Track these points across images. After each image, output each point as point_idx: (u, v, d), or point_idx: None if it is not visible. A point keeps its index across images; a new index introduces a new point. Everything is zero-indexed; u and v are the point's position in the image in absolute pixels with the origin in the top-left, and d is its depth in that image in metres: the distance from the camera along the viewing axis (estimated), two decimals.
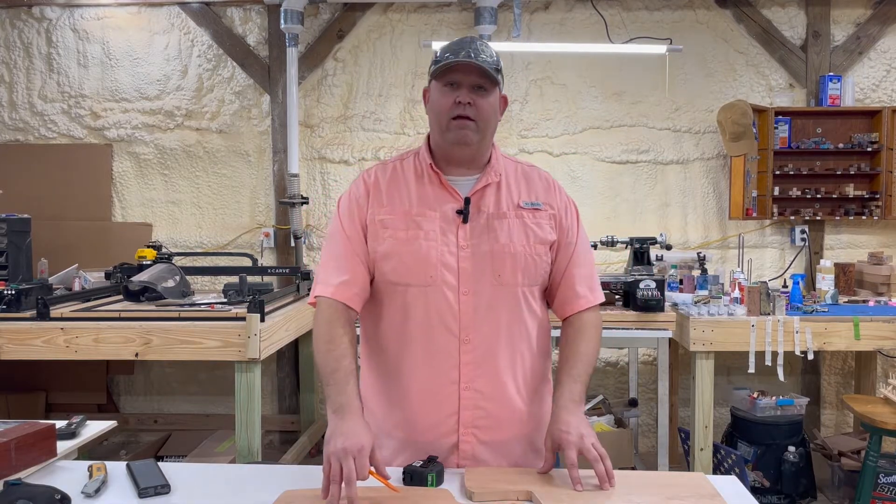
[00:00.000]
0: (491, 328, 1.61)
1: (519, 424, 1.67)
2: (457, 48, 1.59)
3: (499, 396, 1.63)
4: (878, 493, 3.38)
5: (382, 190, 1.66)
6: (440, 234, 1.60)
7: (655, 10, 4.41)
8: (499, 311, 1.61)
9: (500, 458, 1.66)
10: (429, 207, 1.62)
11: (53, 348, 3.13)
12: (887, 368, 4.12)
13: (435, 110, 1.62)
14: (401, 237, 1.60)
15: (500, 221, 1.63)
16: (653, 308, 3.43)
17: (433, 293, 1.59)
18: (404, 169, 1.69)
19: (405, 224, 1.61)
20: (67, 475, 1.65)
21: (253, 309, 3.11)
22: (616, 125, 4.47)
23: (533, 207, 1.66)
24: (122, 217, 4.64)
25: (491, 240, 1.61)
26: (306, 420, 4.34)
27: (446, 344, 1.60)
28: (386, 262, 1.62)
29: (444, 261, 1.59)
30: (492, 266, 1.61)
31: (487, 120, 1.61)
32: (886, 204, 4.20)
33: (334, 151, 4.54)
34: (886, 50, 4.38)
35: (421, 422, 1.64)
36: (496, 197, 1.65)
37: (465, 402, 1.61)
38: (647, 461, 4.09)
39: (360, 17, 4.47)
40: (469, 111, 1.57)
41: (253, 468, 1.77)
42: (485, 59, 1.57)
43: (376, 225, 1.63)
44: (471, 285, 1.60)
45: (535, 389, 1.71)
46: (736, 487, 1.57)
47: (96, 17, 4.57)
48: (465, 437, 1.63)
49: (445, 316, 1.59)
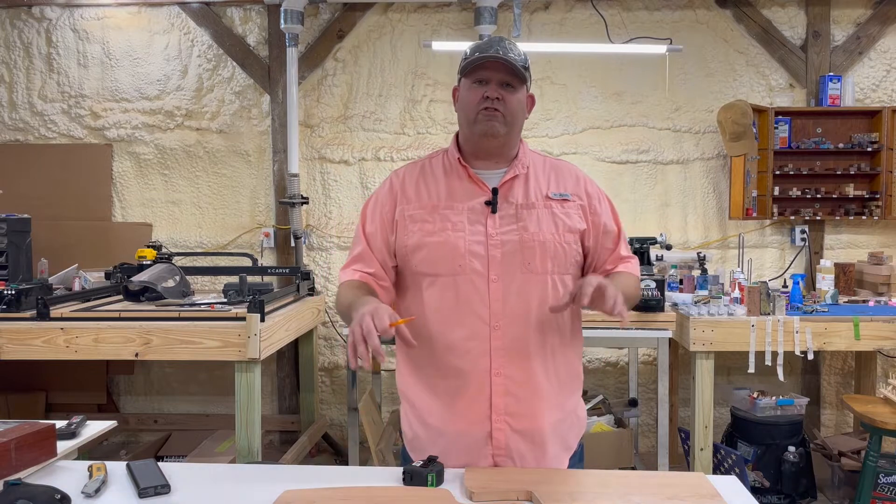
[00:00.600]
0: (520, 315, 1.63)
1: (550, 413, 1.67)
2: (486, 46, 1.64)
3: (530, 383, 1.64)
4: (878, 493, 3.38)
5: (410, 187, 1.71)
6: (468, 225, 1.64)
7: (655, 10, 4.41)
8: (528, 298, 1.63)
9: (534, 447, 1.66)
10: (457, 200, 1.67)
11: (53, 348, 3.13)
12: (887, 368, 4.13)
13: (464, 104, 1.67)
14: (428, 229, 1.65)
15: (528, 211, 1.66)
16: (653, 308, 3.43)
17: (462, 282, 1.62)
18: (433, 166, 1.74)
19: (433, 217, 1.66)
20: (67, 475, 1.65)
21: (253, 309, 3.11)
22: (616, 125, 4.47)
23: (562, 198, 1.70)
24: (122, 217, 4.64)
25: (520, 229, 1.64)
26: (306, 420, 4.34)
27: (477, 331, 1.62)
28: (415, 254, 1.66)
29: (472, 250, 1.63)
30: (521, 254, 1.63)
31: (515, 114, 1.66)
32: (886, 204, 4.20)
33: (334, 151, 4.54)
34: (886, 50, 4.38)
35: (455, 409, 1.65)
36: (524, 188, 1.69)
37: (496, 389, 1.63)
38: (647, 461, 4.09)
39: (360, 17, 4.47)
40: (497, 105, 1.62)
41: (253, 468, 1.77)
42: (513, 57, 1.63)
43: (405, 220, 1.68)
44: (500, 273, 1.62)
45: (566, 381, 1.72)
46: (736, 487, 1.57)
47: (96, 17, 4.57)
48: (497, 425, 1.63)
49: (475, 303, 1.62)
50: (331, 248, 4.57)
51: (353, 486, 1.54)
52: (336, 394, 4.63)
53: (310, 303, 4.00)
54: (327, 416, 4.60)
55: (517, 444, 1.65)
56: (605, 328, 3.43)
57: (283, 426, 4.55)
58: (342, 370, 4.59)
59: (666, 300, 3.54)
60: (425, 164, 1.76)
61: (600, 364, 4.50)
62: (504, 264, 1.63)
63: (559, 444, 1.71)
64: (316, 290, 4.26)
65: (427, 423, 1.70)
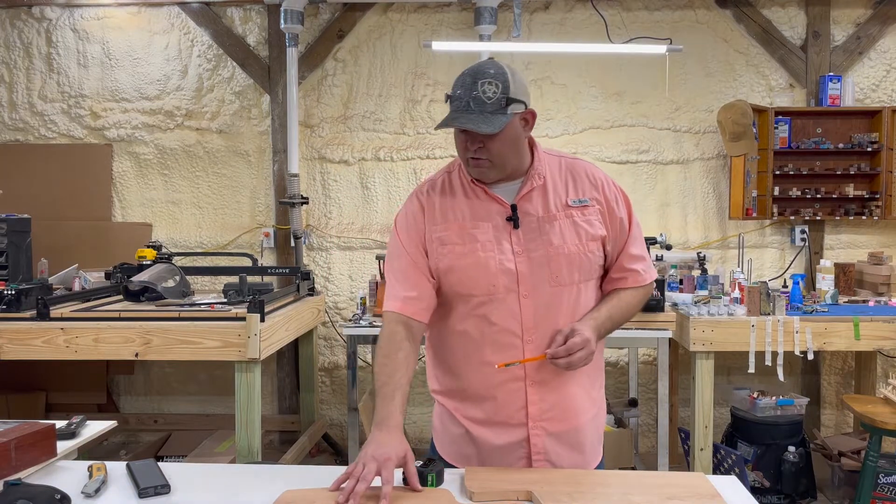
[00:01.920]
0: (551, 326, 1.65)
1: (583, 413, 1.72)
2: (458, 99, 1.58)
3: (563, 389, 1.68)
4: (878, 493, 3.38)
5: (436, 207, 1.70)
6: (496, 244, 1.64)
7: (655, 10, 4.41)
8: (557, 311, 1.65)
9: (569, 448, 1.70)
10: (480, 219, 1.67)
11: (53, 348, 3.13)
12: (887, 368, 4.12)
13: (456, 145, 1.67)
14: (458, 251, 1.65)
15: (550, 224, 1.66)
16: (653, 308, 3.43)
17: (496, 300, 1.64)
18: (452, 183, 1.72)
19: (461, 238, 1.66)
20: (67, 475, 1.65)
21: (253, 309, 3.11)
22: (616, 125, 4.47)
23: (581, 205, 1.69)
24: (122, 217, 4.64)
25: (545, 243, 1.65)
26: (306, 420, 4.34)
27: (511, 345, 1.65)
28: (449, 275, 1.67)
29: (503, 268, 1.63)
30: (549, 268, 1.64)
31: (503, 156, 1.63)
32: (886, 204, 4.20)
33: (334, 151, 4.54)
34: (886, 50, 4.38)
35: (493, 416, 1.68)
36: (543, 199, 1.68)
37: (531, 398, 1.66)
38: (647, 461, 4.09)
39: (360, 17, 4.47)
40: (480, 154, 1.61)
41: (253, 468, 1.77)
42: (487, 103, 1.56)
43: (434, 243, 1.68)
44: (530, 289, 1.64)
45: (595, 378, 1.77)
46: (736, 487, 1.57)
47: (96, 17, 4.57)
48: (534, 431, 1.67)
49: (508, 320, 1.64)
50: (331, 248, 4.57)
51: None
52: (336, 394, 4.63)
53: (310, 303, 4.00)
54: (327, 416, 4.60)
55: (554, 447, 1.69)
56: None
57: (283, 426, 4.55)
58: (342, 370, 4.60)
59: (666, 300, 3.55)
60: (444, 180, 1.74)
61: None
62: (532, 279, 1.64)
63: (595, 438, 1.77)
64: (316, 290, 4.26)
65: (461, 425, 1.73)
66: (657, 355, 3.54)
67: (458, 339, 1.69)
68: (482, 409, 1.69)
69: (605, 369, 1.91)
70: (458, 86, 1.60)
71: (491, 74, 1.59)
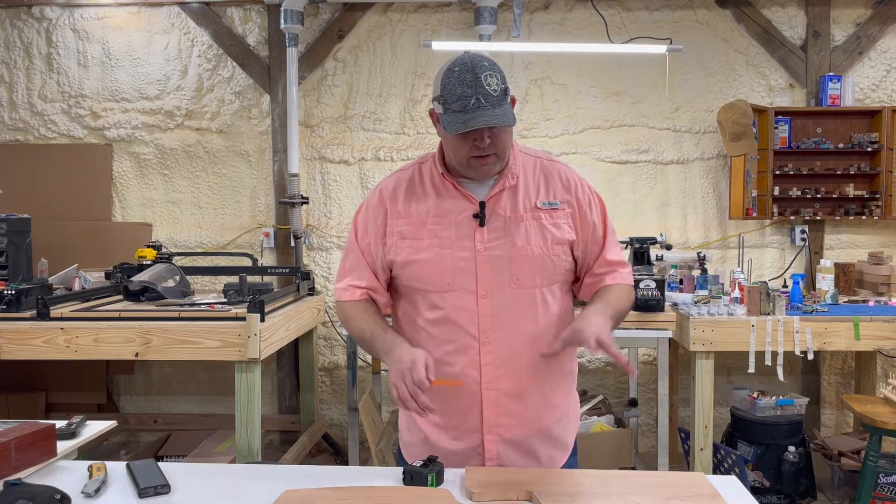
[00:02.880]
0: (509, 330, 1.63)
1: (541, 421, 1.69)
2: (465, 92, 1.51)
3: (520, 395, 1.66)
4: (878, 493, 3.38)
5: (399, 201, 1.68)
6: (456, 240, 1.62)
7: (655, 10, 4.41)
8: (517, 313, 1.63)
9: (523, 454, 1.68)
10: (444, 215, 1.64)
11: (53, 348, 3.13)
12: (887, 368, 4.12)
13: (452, 150, 1.61)
14: (417, 246, 1.64)
15: (516, 225, 1.63)
16: (653, 308, 3.43)
17: (452, 298, 1.63)
18: (422, 175, 1.70)
19: (421, 233, 1.64)
20: (67, 475, 1.65)
21: (253, 309, 3.11)
22: (616, 125, 4.47)
23: (550, 207, 1.65)
24: (122, 217, 4.64)
25: (508, 243, 1.62)
26: (306, 420, 4.34)
27: (467, 346, 1.63)
28: (405, 269, 1.66)
29: (459, 266, 1.62)
30: (510, 269, 1.62)
31: (506, 147, 1.61)
32: (886, 204, 4.20)
33: (334, 151, 4.54)
34: (886, 50, 4.38)
35: (447, 421, 1.68)
36: (513, 200, 1.65)
37: (487, 402, 1.64)
38: (647, 461, 4.09)
39: (360, 17, 4.47)
40: (489, 149, 1.57)
41: (253, 468, 1.77)
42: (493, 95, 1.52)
43: (394, 236, 1.66)
44: (488, 289, 1.62)
45: (558, 385, 1.72)
46: (736, 487, 1.57)
47: (96, 17, 4.57)
48: (488, 436, 1.66)
49: (464, 319, 1.62)
50: (331, 248, 4.57)
51: (353, 486, 1.54)
52: (336, 394, 4.63)
53: (310, 303, 4.00)
54: (327, 416, 4.60)
55: (508, 454, 1.68)
56: None
57: (283, 426, 4.55)
58: (342, 370, 4.60)
59: (666, 300, 3.54)
60: (414, 173, 1.71)
61: (600, 364, 4.50)
62: (493, 280, 1.61)
63: (552, 448, 1.73)
64: (316, 290, 4.26)
65: (421, 430, 1.72)
66: (657, 355, 3.54)
67: (419, 337, 1.67)
68: (439, 413, 1.61)
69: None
70: (457, 84, 1.53)
71: (487, 66, 1.55)
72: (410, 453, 1.77)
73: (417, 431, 1.73)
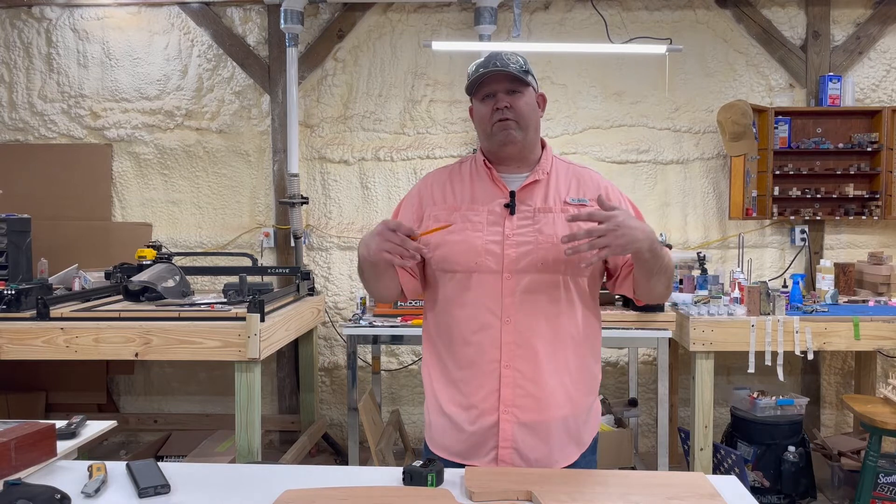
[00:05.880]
0: (531, 311, 1.69)
1: (556, 407, 1.71)
2: (485, 62, 1.72)
3: (538, 378, 1.69)
4: (878, 493, 3.38)
5: (437, 190, 1.81)
6: (486, 226, 1.72)
7: (655, 10, 4.41)
8: (539, 296, 1.69)
9: (537, 440, 1.70)
10: (478, 203, 1.75)
11: (53, 348, 3.13)
12: (887, 368, 4.13)
13: (479, 120, 1.76)
14: (450, 229, 1.72)
15: (545, 215, 1.72)
16: (653, 308, 3.43)
17: (478, 278, 1.70)
18: (461, 170, 1.83)
19: (454, 217, 1.74)
20: (67, 475, 1.65)
21: (253, 309, 3.11)
22: (616, 125, 4.47)
23: (579, 203, 1.74)
24: (122, 217, 4.64)
25: (535, 231, 1.70)
26: (306, 420, 4.34)
27: (489, 324, 1.69)
28: (437, 251, 1.74)
29: (488, 248, 1.70)
30: (535, 254, 1.68)
31: (527, 117, 1.72)
32: (886, 204, 4.20)
33: (334, 151, 4.54)
34: (886, 50, 4.38)
35: (467, 397, 1.72)
36: (544, 193, 1.75)
37: (505, 380, 1.68)
38: (647, 461, 4.09)
39: (360, 17, 4.47)
40: (508, 113, 1.70)
41: (253, 468, 1.77)
42: (512, 66, 1.70)
43: (430, 220, 1.77)
44: (513, 270, 1.69)
45: (578, 379, 1.75)
46: (736, 487, 1.57)
47: (96, 17, 4.57)
48: (504, 416, 1.69)
49: (488, 298, 1.69)
50: (331, 248, 4.57)
51: (353, 486, 1.54)
52: (336, 394, 4.63)
53: (310, 303, 4.00)
54: (327, 416, 4.60)
55: (523, 437, 1.69)
56: (605, 328, 3.42)
57: (283, 426, 4.55)
58: (342, 370, 4.60)
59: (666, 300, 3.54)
60: (454, 168, 1.85)
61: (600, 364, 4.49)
62: (518, 263, 1.68)
63: (568, 439, 1.74)
64: (316, 290, 4.26)
65: (444, 412, 1.76)
66: (657, 355, 3.54)
67: (446, 318, 1.75)
68: (459, 390, 1.72)
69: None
70: (482, 59, 1.74)
71: (511, 52, 1.75)
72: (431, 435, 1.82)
73: (438, 411, 1.77)
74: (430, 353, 1.84)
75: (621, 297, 3.66)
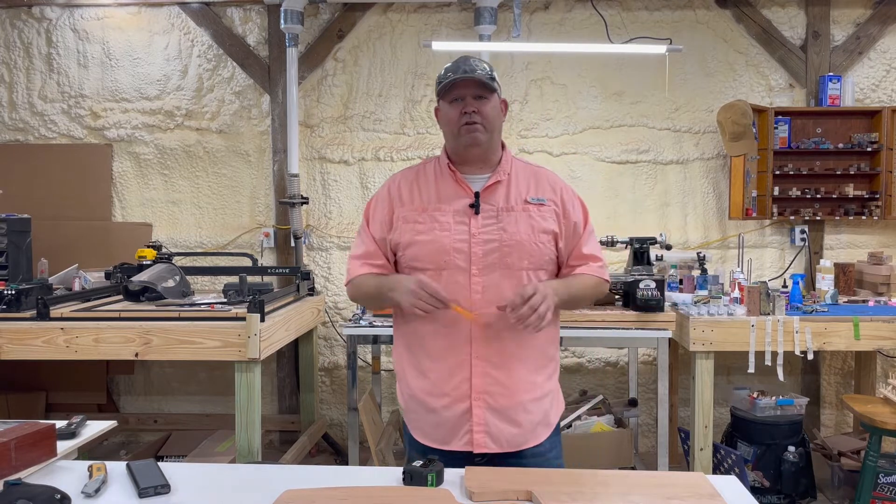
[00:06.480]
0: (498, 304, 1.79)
1: (524, 392, 1.85)
2: (454, 67, 1.85)
3: (506, 366, 1.83)
4: (878, 493, 3.38)
5: (405, 191, 1.92)
6: (454, 225, 1.84)
7: (655, 10, 4.41)
8: (505, 291, 1.80)
9: (508, 424, 1.83)
10: (444, 202, 1.87)
11: (53, 348, 3.13)
12: (887, 368, 4.13)
13: (446, 122, 1.88)
14: (419, 229, 1.85)
15: (508, 213, 1.85)
16: (653, 308, 3.43)
17: (447, 275, 1.82)
18: (426, 171, 1.94)
19: (423, 217, 1.86)
20: (67, 475, 1.65)
21: (253, 309, 3.11)
22: (616, 125, 4.47)
23: (538, 202, 1.88)
24: (122, 217, 4.64)
25: (499, 229, 1.83)
26: (306, 420, 4.34)
27: (459, 319, 1.80)
28: (407, 250, 1.86)
29: (456, 247, 1.82)
30: (500, 252, 1.82)
31: (492, 121, 1.85)
32: (886, 204, 4.20)
33: (334, 151, 4.54)
34: (886, 50, 4.38)
35: (440, 387, 1.85)
36: (506, 193, 1.87)
37: (476, 370, 1.82)
38: (647, 461, 4.10)
39: (360, 17, 4.47)
40: (475, 117, 1.82)
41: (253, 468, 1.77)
42: (480, 72, 1.83)
43: (399, 221, 1.88)
44: (480, 268, 1.82)
45: (541, 365, 1.90)
46: (736, 487, 1.57)
47: (96, 17, 4.57)
48: (476, 403, 1.82)
49: (458, 294, 1.80)
50: (331, 248, 4.57)
51: (353, 486, 1.54)
52: (336, 394, 4.63)
53: (310, 303, 4.00)
54: (327, 416, 4.60)
55: (495, 421, 1.82)
56: (605, 328, 3.43)
57: (283, 426, 4.55)
58: (342, 370, 4.60)
59: (666, 300, 3.54)
60: (420, 169, 1.96)
61: (600, 364, 4.50)
62: (484, 260, 1.82)
63: (537, 419, 1.87)
64: (316, 290, 4.26)
65: (418, 399, 1.88)
66: (657, 355, 3.54)
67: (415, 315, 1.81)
68: (430, 380, 1.85)
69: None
70: (448, 66, 1.87)
71: (478, 58, 1.88)
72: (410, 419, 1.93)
73: (413, 399, 1.90)
74: (401, 344, 1.95)
75: (621, 297, 3.66)
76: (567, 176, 4.46)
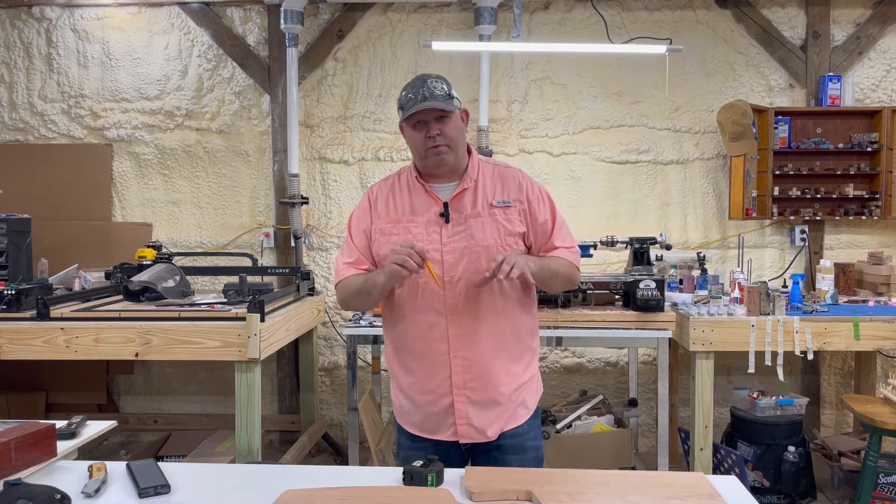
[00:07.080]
0: (471, 307, 1.93)
1: (502, 384, 1.96)
2: (415, 94, 1.90)
3: (483, 362, 1.94)
4: (878, 493, 3.38)
5: (381, 204, 2.02)
6: (426, 234, 1.94)
7: (655, 10, 4.41)
8: (477, 293, 1.93)
9: (488, 414, 1.95)
10: (417, 213, 1.97)
11: (53, 348, 3.13)
12: (887, 368, 4.13)
13: (412, 144, 1.97)
14: (395, 240, 1.94)
15: (475, 220, 1.95)
16: (653, 308, 3.43)
17: (423, 282, 1.93)
18: (401, 183, 2.04)
19: (397, 229, 1.97)
20: (67, 475, 1.65)
21: (253, 309, 3.11)
22: (616, 125, 4.47)
23: (504, 205, 1.97)
24: (122, 217, 4.64)
25: (468, 236, 1.94)
26: (306, 420, 4.34)
27: (437, 321, 1.93)
28: (385, 261, 1.91)
29: (428, 256, 1.88)
30: (469, 257, 1.92)
31: (456, 139, 1.94)
32: (886, 204, 4.20)
33: (334, 151, 4.54)
34: (886, 50, 4.38)
35: (423, 384, 1.97)
36: (472, 199, 1.97)
37: (455, 368, 1.94)
38: (647, 461, 4.10)
39: (360, 17, 4.47)
40: (439, 140, 1.91)
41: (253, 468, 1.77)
42: (438, 94, 1.89)
43: (377, 234, 2.00)
44: (453, 274, 1.93)
45: (518, 356, 2.00)
46: (736, 487, 1.57)
47: (96, 17, 4.57)
48: (457, 398, 1.94)
49: (433, 299, 1.93)
50: (331, 248, 4.57)
51: (353, 486, 1.54)
52: (336, 394, 4.63)
53: (310, 303, 4.01)
54: (327, 416, 4.60)
55: (476, 413, 1.95)
56: (605, 328, 3.43)
57: (283, 426, 4.55)
58: (342, 370, 4.60)
59: (666, 300, 3.55)
60: (395, 181, 2.05)
61: (600, 364, 4.50)
62: (456, 266, 1.92)
63: (517, 405, 1.99)
64: (316, 290, 4.26)
65: (407, 395, 2.01)
66: (657, 355, 3.54)
67: (399, 318, 1.98)
68: (415, 378, 1.98)
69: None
70: (408, 90, 1.92)
71: (434, 77, 1.95)
72: (400, 413, 2.06)
73: (402, 395, 2.02)
74: (389, 344, 2.07)
75: (621, 297, 3.66)
76: (567, 176, 4.46)
